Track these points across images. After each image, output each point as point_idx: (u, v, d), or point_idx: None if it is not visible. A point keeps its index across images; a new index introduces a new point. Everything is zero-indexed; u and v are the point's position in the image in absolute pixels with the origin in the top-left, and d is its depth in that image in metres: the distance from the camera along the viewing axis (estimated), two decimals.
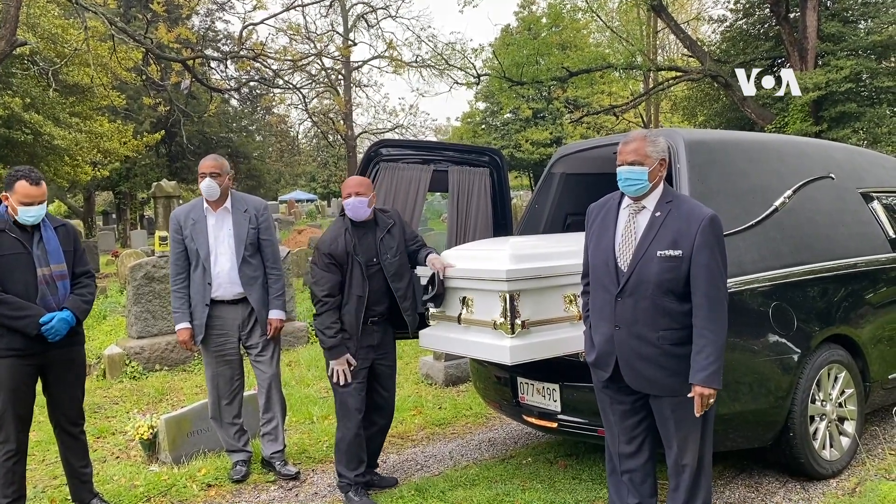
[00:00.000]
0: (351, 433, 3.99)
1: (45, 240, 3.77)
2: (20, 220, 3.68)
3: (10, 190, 3.69)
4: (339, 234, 3.99)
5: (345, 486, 4.03)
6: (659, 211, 3.03)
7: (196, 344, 4.43)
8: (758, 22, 20.07)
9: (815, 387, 3.94)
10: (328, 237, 4.01)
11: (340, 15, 32.10)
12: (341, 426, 4.03)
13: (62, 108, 16.59)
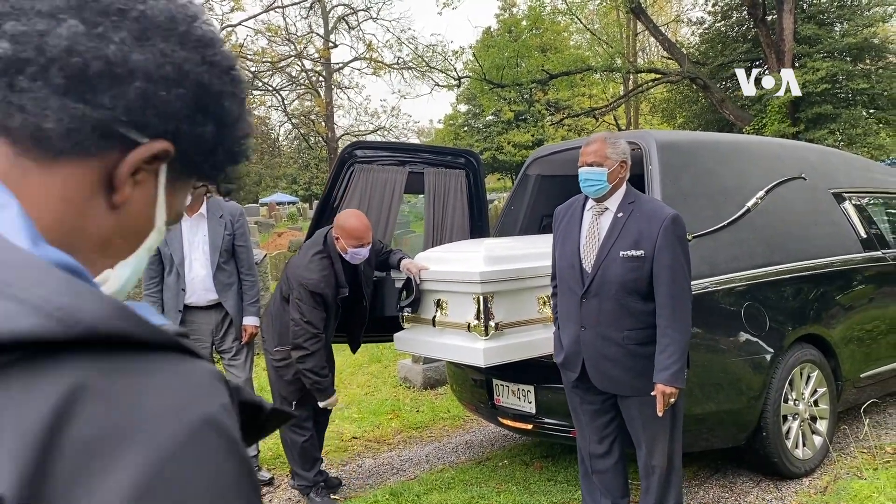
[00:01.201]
0: (303, 436, 3.99)
1: None
2: None
3: None
4: (328, 272, 3.83)
5: (304, 487, 4.01)
6: (621, 212, 3.05)
7: None
8: (736, 24, 20.29)
9: (787, 386, 3.96)
10: (317, 277, 3.78)
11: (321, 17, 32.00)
12: (290, 429, 3.99)
13: None
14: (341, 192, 4.75)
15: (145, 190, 0.61)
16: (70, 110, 0.55)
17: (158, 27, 0.59)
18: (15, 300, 0.43)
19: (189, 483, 0.42)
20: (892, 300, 4.72)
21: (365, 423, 5.49)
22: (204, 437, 0.44)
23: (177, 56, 0.59)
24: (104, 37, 0.56)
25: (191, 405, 0.45)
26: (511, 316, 3.66)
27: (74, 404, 0.41)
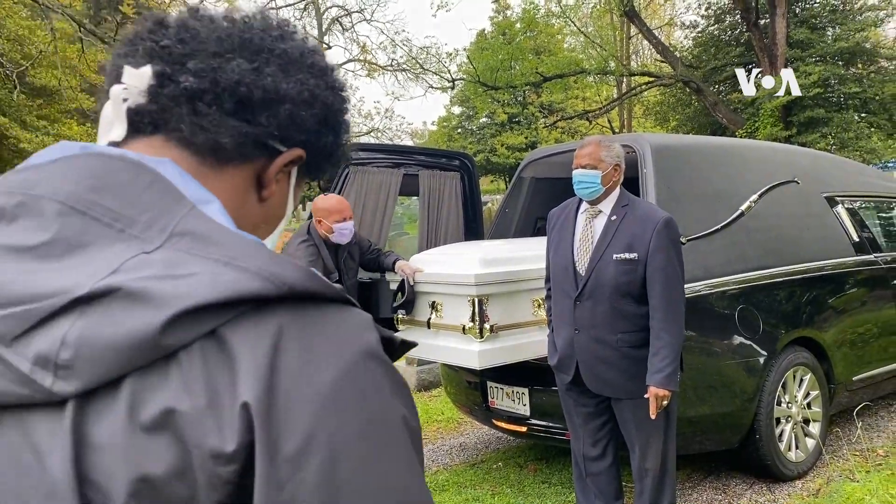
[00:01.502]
0: None
1: None
2: None
3: None
4: (314, 258, 3.82)
5: None
6: (615, 215, 3.06)
7: None
8: (729, 28, 20.36)
9: (780, 389, 3.98)
10: (304, 263, 3.80)
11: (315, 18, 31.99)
12: None
13: (29, 111, 16.31)
14: (336, 193, 4.74)
15: (282, 187, 0.80)
16: (238, 128, 0.72)
17: (296, 61, 0.77)
18: (242, 270, 0.60)
19: (363, 384, 0.61)
20: (884, 304, 4.75)
21: None
22: (367, 357, 0.62)
23: (310, 83, 0.77)
24: (260, 71, 0.73)
25: (358, 337, 0.63)
26: (506, 318, 3.67)
27: (283, 337, 0.59)
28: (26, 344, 0.57)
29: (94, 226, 0.62)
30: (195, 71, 0.71)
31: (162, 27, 0.74)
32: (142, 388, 0.56)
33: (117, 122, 0.72)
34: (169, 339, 0.56)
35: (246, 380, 0.57)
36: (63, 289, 0.58)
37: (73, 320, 0.57)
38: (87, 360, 0.56)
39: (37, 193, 0.64)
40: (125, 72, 0.71)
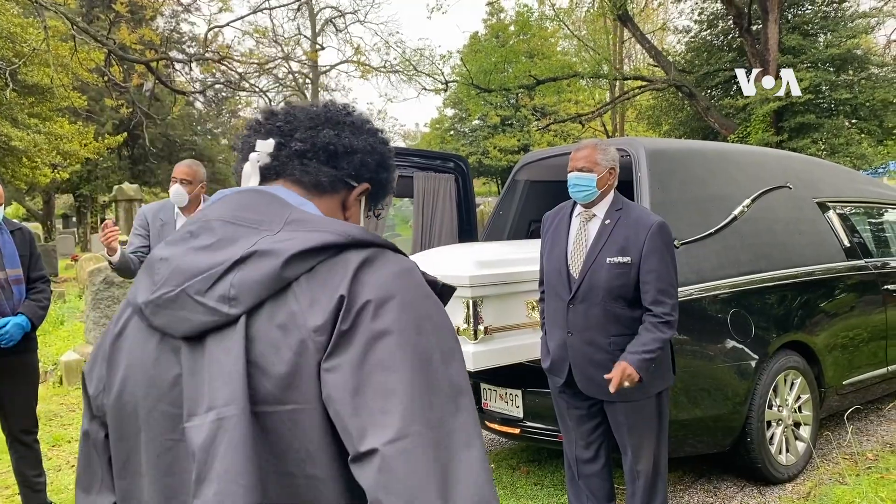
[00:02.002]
0: None
1: (2, 244, 3.68)
2: None
3: None
4: None
5: None
6: (609, 219, 3.08)
7: None
8: (721, 33, 20.47)
9: (772, 392, 4.01)
10: None
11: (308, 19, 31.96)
12: None
13: (20, 109, 16.22)
14: None
15: (355, 210, 1.19)
16: (329, 172, 1.14)
17: (360, 127, 1.19)
18: (323, 232, 0.98)
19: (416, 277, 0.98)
20: (874, 309, 4.79)
21: None
22: (415, 268, 1.00)
23: (370, 140, 1.18)
24: (340, 135, 1.15)
25: (407, 261, 1.00)
26: (500, 320, 3.68)
27: (357, 262, 0.95)
28: (212, 292, 0.96)
29: (241, 229, 1.02)
30: (300, 139, 1.13)
31: (273, 115, 1.18)
32: (275, 305, 0.94)
33: (254, 175, 1.14)
34: (286, 273, 0.94)
35: (340, 284, 0.93)
36: (226, 259, 0.97)
37: (235, 273, 0.96)
38: (245, 292, 0.94)
39: (208, 218, 1.05)
40: (257, 144, 1.14)
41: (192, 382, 0.95)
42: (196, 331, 0.96)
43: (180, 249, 1.02)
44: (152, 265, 1.04)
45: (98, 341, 1.12)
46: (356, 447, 0.86)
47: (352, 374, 0.88)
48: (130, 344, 1.04)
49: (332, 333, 0.90)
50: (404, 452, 0.84)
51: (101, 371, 1.08)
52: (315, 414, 0.90)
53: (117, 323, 1.08)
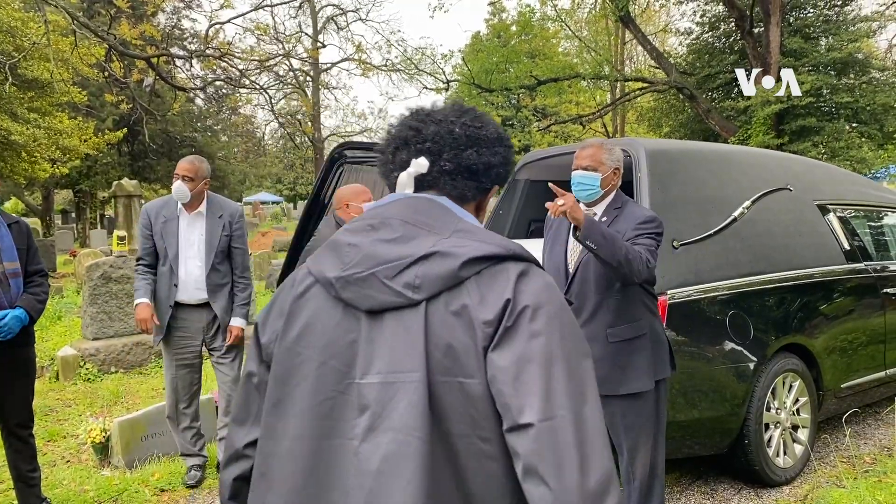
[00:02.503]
0: None
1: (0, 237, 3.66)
2: None
3: None
4: None
5: None
6: (606, 216, 3.09)
7: (154, 343, 4.35)
8: (723, 35, 20.46)
9: (770, 395, 4.00)
10: None
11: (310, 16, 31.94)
12: None
13: (20, 103, 16.17)
14: (330, 191, 4.73)
15: (486, 207, 1.43)
16: (472, 185, 1.35)
17: (494, 141, 1.37)
18: (490, 245, 1.19)
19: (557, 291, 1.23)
20: (873, 312, 4.78)
21: None
22: (561, 296, 1.23)
23: (502, 151, 1.39)
24: (480, 152, 1.34)
25: (553, 285, 1.23)
26: None
27: (516, 272, 1.19)
28: (398, 279, 1.19)
29: (417, 230, 1.25)
30: (448, 160, 1.33)
31: (420, 134, 1.35)
32: (450, 296, 1.18)
33: (409, 185, 1.33)
34: (461, 272, 1.18)
35: (505, 289, 1.17)
36: (411, 254, 1.21)
37: (419, 266, 1.19)
38: (428, 283, 1.18)
39: (387, 216, 1.29)
40: (412, 163, 1.33)
41: (368, 348, 1.19)
42: (379, 307, 1.20)
43: (367, 239, 1.26)
44: (339, 247, 1.28)
45: (273, 297, 1.36)
46: (515, 420, 1.11)
47: (514, 363, 1.13)
48: (312, 306, 1.26)
49: (498, 327, 1.15)
50: (553, 429, 1.09)
51: (276, 324, 1.30)
52: (479, 387, 1.14)
53: (298, 286, 1.30)
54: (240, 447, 1.33)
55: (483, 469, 1.15)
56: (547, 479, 1.08)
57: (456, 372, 1.15)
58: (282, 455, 1.22)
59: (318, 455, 1.19)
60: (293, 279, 1.32)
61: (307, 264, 1.31)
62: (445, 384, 1.14)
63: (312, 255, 1.34)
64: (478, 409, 1.14)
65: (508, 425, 1.12)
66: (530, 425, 1.09)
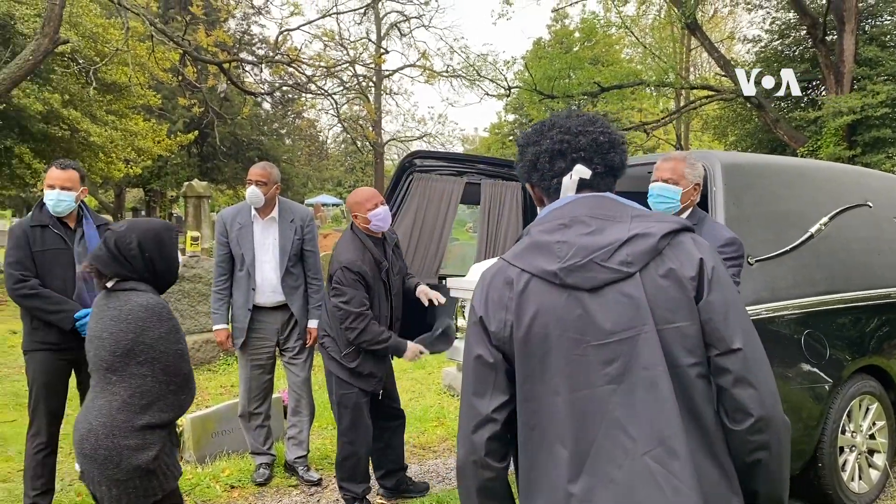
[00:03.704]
0: (364, 450, 3.99)
1: (87, 237, 3.82)
2: (49, 209, 3.73)
3: None
4: (362, 249, 3.89)
5: (350, 499, 4.04)
6: None
7: (234, 346, 4.50)
8: (793, 44, 19.92)
9: (845, 417, 3.89)
10: (353, 255, 3.85)
11: (374, 23, 32.37)
12: (351, 442, 3.96)
13: (99, 106, 16.84)
14: (400, 199, 4.81)
15: None
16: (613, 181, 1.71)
17: (621, 142, 1.69)
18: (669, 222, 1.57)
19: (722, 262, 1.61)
20: None
21: (410, 429, 5.52)
22: None
23: (625, 148, 1.69)
24: (617, 153, 1.67)
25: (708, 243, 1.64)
26: None
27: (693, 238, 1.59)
28: (612, 259, 1.50)
29: (603, 221, 1.56)
30: (598, 163, 1.64)
31: (573, 145, 1.64)
32: (655, 264, 1.51)
33: (572, 189, 1.63)
34: (660, 245, 1.52)
35: (693, 252, 1.53)
36: (616, 239, 1.52)
37: (626, 247, 1.51)
38: (637, 258, 1.50)
39: (574, 215, 1.59)
40: (575, 168, 1.63)
41: (594, 317, 1.50)
42: (600, 284, 1.50)
43: (569, 235, 1.56)
44: (548, 245, 1.56)
45: (482, 291, 1.62)
46: (728, 346, 1.50)
47: (722, 306, 1.51)
48: (537, 296, 1.53)
49: (701, 281, 1.51)
50: (752, 350, 1.52)
51: (502, 315, 1.56)
52: (692, 328, 1.50)
53: (517, 284, 1.56)
54: (487, 413, 1.56)
55: (697, 385, 1.50)
56: (754, 383, 1.50)
57: (674, 318, 1.50)
58: (546, 410, 1.52)
59: (573, 403, 1.50)
60: (503, 276, 1.59)
61: (518, 264, 1.58)
62: (667, 330, 1.49)
63: (515, 255, 1.60)
64: (692, 343, 1.50)
65: (721, 351, 1.51)
66: (740, 349, 1.50)
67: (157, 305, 2.49)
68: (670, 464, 1.44)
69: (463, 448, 1.59)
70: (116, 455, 2.39)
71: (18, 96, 13.70)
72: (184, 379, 2.53)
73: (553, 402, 1.51)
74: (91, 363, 2.53)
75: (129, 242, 2.54)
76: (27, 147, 15.51)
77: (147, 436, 2.43)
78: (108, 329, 2.45)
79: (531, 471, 1.55)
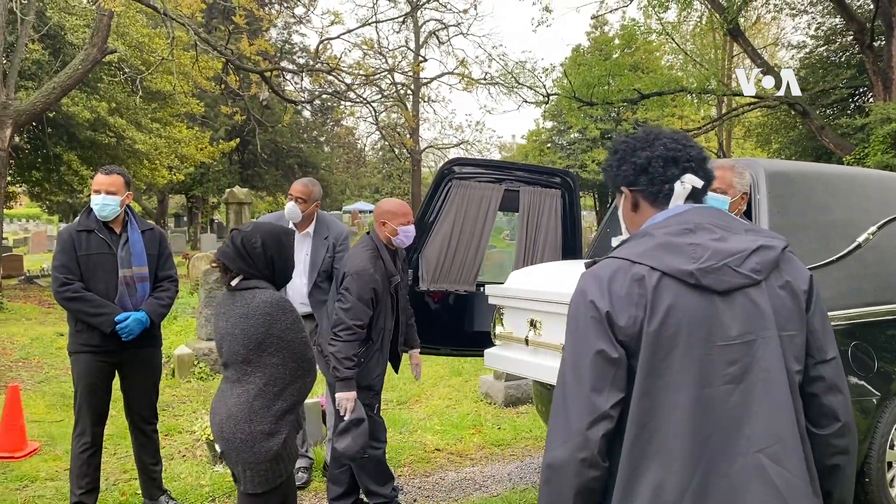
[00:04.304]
0: (381, 449, 3.99)
1: (131, 242, 3.91)
2: (96, 213, 3.82)
3: None
4: (377, 258, 3.84)
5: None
6: None
7: None
8: (839, 49, 19.53)
9: (894, 432, 3.79)
10: (365, 263, 3.79)
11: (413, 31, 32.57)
12: None
13: (144, 114, 17.25)
14: (438, 206, 4.83)
15: None
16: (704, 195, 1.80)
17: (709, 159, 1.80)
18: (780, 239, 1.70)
19: None
20: None
21: (447, 436, 5.53)
22: None
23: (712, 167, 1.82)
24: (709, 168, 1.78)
25: None
26: None
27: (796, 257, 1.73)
28: (744, 266, 1.59)
29: (724, 231, 1.65)
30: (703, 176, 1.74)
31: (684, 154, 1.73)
32: (775, 274, 1.63)
33: (681, 196, 1.72)
34: (779, 258, 1.64)
35: (799, 267, 1.69)
36: (745, 248, 1.61)
37: (756, 255, 1.61)
38: (765, 267, 1.61)
39: (698, 222, 1.65)
40: (686, 178, 1.72)
41: (722, 319, 1.57)
42: (731, 288, 1.59)
43: (701, 239, 1.63)
44: (680, 247, 1.61)
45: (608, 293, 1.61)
46: (825, 356, 1.66)
47: (822, 318, 1.68)
48: (671, 294, 1.57)
49: (810, 294, 1.66)
50: (838, 360, 1.69)
51: (632, 311, 1.58)
52: (800, 337, 1.64)
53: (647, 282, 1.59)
54: (605, 409, 1.57)
55: (797, 390, 1.63)
56: (843, 390, 1.68)
57: (788, 327, 1.61)
58: (662, 406, 1.56)
59: (697, 400, 1.55)
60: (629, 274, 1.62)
61: (647, 263, 1.61)
62: (783, 336, 1.60)
63: (639, 254, 1.63)
64: (798, 351, 1.63)
65: (819, 360, 1.66)
66: (834, 358, 1.68)
67: (280, 300, 2.73)
68: (784, 460, 1.55)
69: (569, 445, 1.57)
70: (251, 439, 2.65)
71: (67, 104, 14.11)
72: (309, 364, 2.79)
73: (671, 399, 1.56)
74: (225, 357, 2.77)
75: (255, 241, 2.77)
76: (75, 154, 15.95)
77: (279, 421, 2.69)
78: (238, 326, 2.68)
79: (637, 468, 1.57)
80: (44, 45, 14.96)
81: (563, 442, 1.58)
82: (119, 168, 3.95)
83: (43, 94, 11.89)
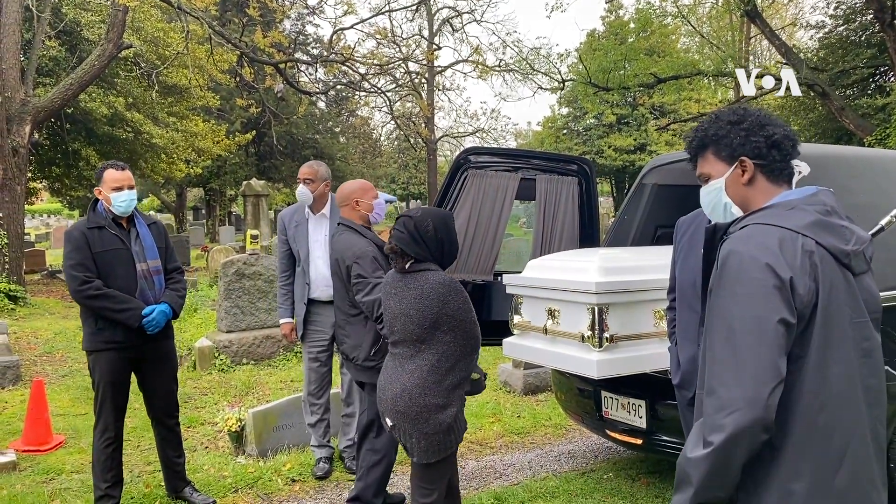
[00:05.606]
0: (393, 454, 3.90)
1: (142, 236, 3.94)
2: (115, 209, 3.84)
3: (100, 183, 3.88)
4: (366, 237, 3.81)
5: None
6: None
7: (297, 338, 4.68)
8: (859, 28, 19.20)
9: None
10: (364, 243, 3.73)
11: (426, 19, 32.43)
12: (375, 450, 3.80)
13: (161, 108, 17.33)
14: (455, 195, 4.82)
15: None
16: None
17: None
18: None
19: None
20: None
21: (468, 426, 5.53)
22: None
23: None
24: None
25: None
26: (626, 329, 3.62)
27: None
28: (866, 252, 1.78)
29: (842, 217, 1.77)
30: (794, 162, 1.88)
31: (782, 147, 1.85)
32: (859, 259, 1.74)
33: (796, 179, 1.85)
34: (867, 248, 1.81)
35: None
36: (866, 237, 1.79)
37: (870, 245, 1.81)
38: (871, 256, 1.82)
39: (828, 204, 1.76)
40: (802, 164, 1.86)
41: (857, 297, 1.72)
42: (860, 271, 1.75)
43: (842, 221, 1.75)
44: (834, 226, 1.73)
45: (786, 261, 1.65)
46: None
47: None
48: (829, 269, 1.68)
49: None
50: None
51: (807, 281, 1.65)
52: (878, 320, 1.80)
53: (815, 256, 1.67)
54: (784, 375, 1.63)
55: None
56: None
57: (874, 311, 1.78)
58: (831, 378, 1.67)
59: (847, 370, 1.69)
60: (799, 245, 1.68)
61: (812, 236, 1.69)
62: (872, 319, 1.76)
63: (804, 227, 1.69)
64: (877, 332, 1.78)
65: None
66: None
67: (451, 281, 2.93)
68: (882, 428, 1.77)
69: (753, 411, 1.59)
70: (426, 411, 2.85)
71: (85, 100, 14.20)
72: (476, 341, 2.98)
73: (834, 370, 1.68)
74: (398, 336, 2.98)
75: (427, 225, 2.97)
76: (93, 149, 16.08)
77: (450, 395, 2.89)
78: (413, 307, 2.89)
79: (806, 434, 1.68)
80: (60, 41, 15.06)
81: (747, 409, 1.59)
82: (121, 163, 3.99)
83: (60, 91, 11.98)
